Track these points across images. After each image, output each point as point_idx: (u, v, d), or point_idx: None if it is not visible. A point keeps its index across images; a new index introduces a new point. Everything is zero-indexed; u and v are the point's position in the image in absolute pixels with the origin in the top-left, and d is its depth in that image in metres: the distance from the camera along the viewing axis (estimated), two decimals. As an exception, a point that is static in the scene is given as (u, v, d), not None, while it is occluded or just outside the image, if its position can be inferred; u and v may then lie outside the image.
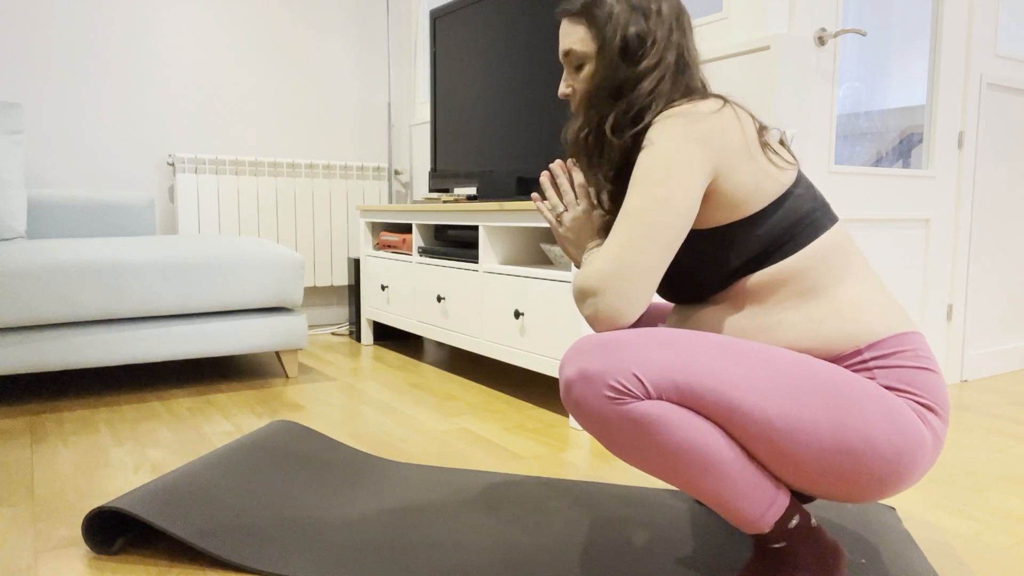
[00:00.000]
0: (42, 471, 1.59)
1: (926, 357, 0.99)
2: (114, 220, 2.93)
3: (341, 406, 2.16)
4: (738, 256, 1.01)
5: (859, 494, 0.96)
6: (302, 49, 3.51)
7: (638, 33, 1.04)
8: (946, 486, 1.57)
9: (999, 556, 1.24)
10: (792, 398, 0.92)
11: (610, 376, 0.91)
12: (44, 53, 2.95)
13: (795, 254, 1.00)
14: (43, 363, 2.09)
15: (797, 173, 1.05)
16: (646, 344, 0.93)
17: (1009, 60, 2.62)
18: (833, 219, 1.05)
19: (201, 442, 1.80)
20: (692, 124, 0.98)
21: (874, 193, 2.30)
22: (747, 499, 0.96)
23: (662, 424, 0.91)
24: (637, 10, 1.05)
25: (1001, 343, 2.75)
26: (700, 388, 0.91)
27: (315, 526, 1.27)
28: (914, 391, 0.96)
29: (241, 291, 2.35)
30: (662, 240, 0.97)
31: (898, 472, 0.94)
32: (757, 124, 1.05)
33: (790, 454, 0.93)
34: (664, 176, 0.97)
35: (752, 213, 1.00)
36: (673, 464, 0.93)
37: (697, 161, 0.97)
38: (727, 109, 1.01)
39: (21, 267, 2.04)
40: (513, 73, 2.57)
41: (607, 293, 0.97)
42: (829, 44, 2.13)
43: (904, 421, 0.94)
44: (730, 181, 0.99)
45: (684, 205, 0.97)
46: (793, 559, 1.00)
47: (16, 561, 1.18)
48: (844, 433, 0.92)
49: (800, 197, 1.03)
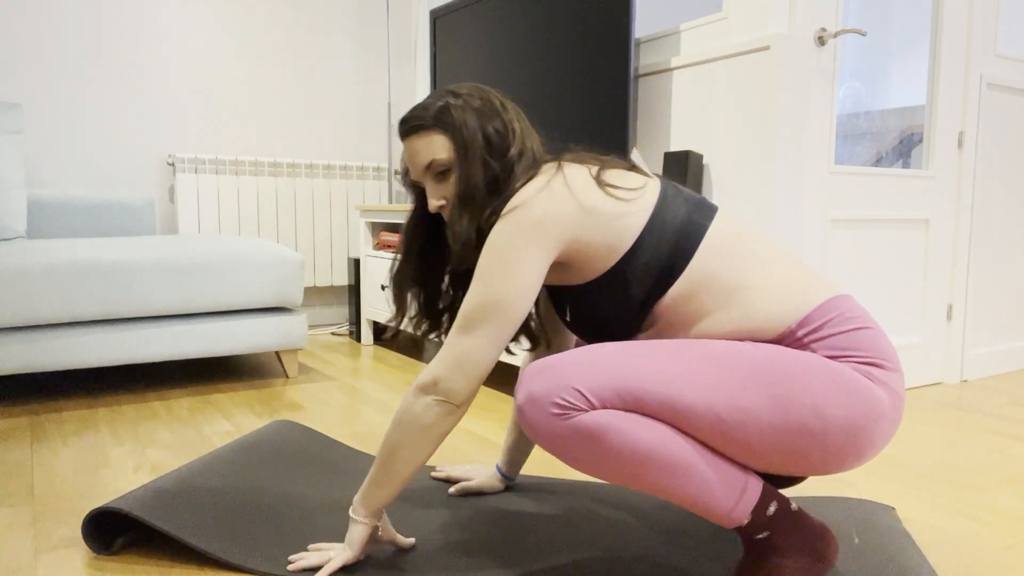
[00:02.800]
0: (42, 471, 1.59)
1: (857, 316, 1.01)
2: (114, 220, 2.93)
3: (341, 406, 2.16)
4: (640, 288, 1.05)
5: (835, 465, 0.97)
6: (302, 49, 3.51)
7: (495, 128, 1.11)
8: (946, 486, 1.57)
9: (999, 556, 1.24)
10: (734, 386, 0.94)
11: (553, 394, 0.95)
12: (44, 53, 2.95)
13: (691, 262, 1.03)
14: (43, 363, 2.09)
15: (660, 188, 1.09)
16: (585, 359, 0.97)
17: (1009, 60, 2.62)
18: (711, 214, 1.08)
19: (201, 442, 1.80)
20: (526, 213, 1.02)
21: (874, 193, 2.31)
22: (715, 491, 0.96)
23: (611, 430, 0.93)
24: (485, 110, 1.12)
25: (1001, 343, 2.75)
26: (641, 391, 0.94)
27: (315, 526, 1.27)
28: (854, 352, 0.98)
29: (241, 291, 2.35)
30: (498, 335, 1.02)
31: (860, 436, 0.95)
32: (594, 170, 1.09)
33: (745, 441, 0.95)
34: (500, 273, 1.02)
35: (628, 249, 1.04)
36: (633, 468, 0.95)
37: (532, 250, 1.02)
38: (556, 180, 1.05)
39: (21, 267, 2.04)
40: (513, 73, 2.57)
41: (448, 382, 1.02)
42: (829, 44, 2.13)
43: (851, 385, 0.95)
44: (584, 241, 1.04)
45: (522, 295, 1.02)
46: (779, 547, 0.99)
47: (16, 561, 1.18)
48: (793, 411, 0.94)
49: (669, 210, 1.06)
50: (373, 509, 1.10)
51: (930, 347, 2.52)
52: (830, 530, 1.00)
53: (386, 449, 1.07)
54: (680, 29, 2.29)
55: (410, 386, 1.06)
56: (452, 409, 1.04)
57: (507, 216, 1.04)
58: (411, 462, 1.07)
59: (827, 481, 1.59)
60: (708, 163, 2.20)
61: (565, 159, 1.13)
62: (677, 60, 2.26)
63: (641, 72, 2.39)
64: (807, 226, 2.16)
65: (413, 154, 1.14)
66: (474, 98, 1.13)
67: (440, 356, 1.05)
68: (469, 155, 1.10)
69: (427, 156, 1.12)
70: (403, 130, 1.14)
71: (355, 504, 1.12)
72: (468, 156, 1.10)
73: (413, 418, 1.05)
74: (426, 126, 1.12)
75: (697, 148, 2.23)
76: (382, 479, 1.08)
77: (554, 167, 1.09)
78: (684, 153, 2.14)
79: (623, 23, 2.13)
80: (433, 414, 1.04)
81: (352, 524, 1.12)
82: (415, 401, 1.05)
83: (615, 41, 2.16)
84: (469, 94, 1.14)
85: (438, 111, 1.11)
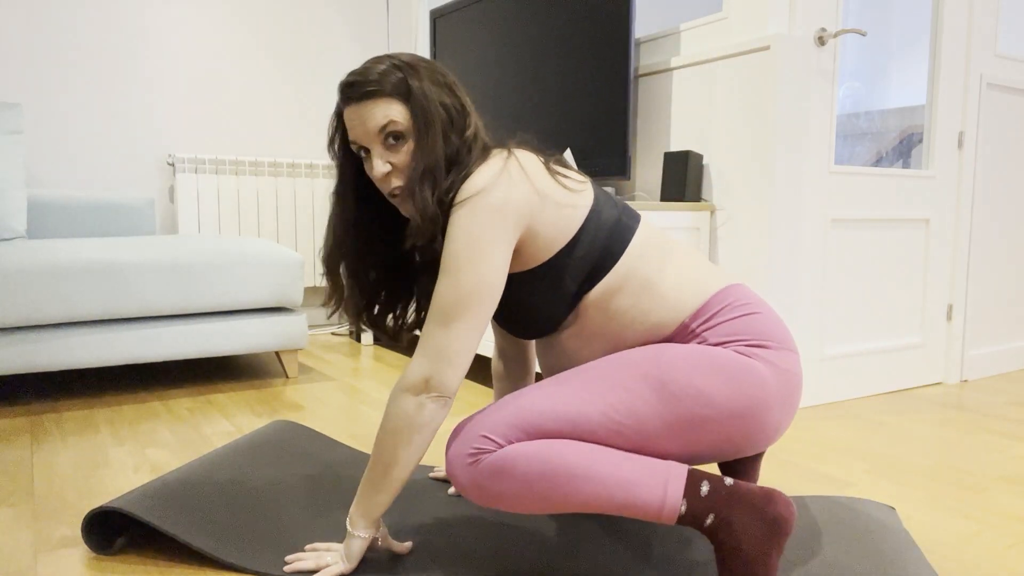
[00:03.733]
0: (42, 471, 1.59)
1: (747, 303, 1.08)
2: (114, 220, 2.93)
3: (341, 406, 2.16)
4: (573, 280, 1.10)
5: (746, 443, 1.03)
6: (302, 49, 3.51)
7: (453, 105, 1.10)
8: (946, 486, 1.57)
9: (999, 556, 1.24)
10: (624, 392, 1.01)
11: (466, 447, 1.01)
12: (44, 53, 2.95)
13: (618, 261, 1.09)
14: (43, 363, 2.09)
15: (593, 190, 1.14)
16: (490, 409, 1.04)
17: (1009, 60, 2.62)
18: (637, 219, 1.15)
19: (201, 442, 1.80)
20: (487, 199, 1.03)
21: (874, 193, 2.31)
22: (638, 487, 0.98)
23: (518, 459, 0.98)
24: (440, 84, 1.10)
25: (1001, 343, 2.75)
26: (540, 418, 1.00)
27: (314, 526, 1.27)
28: (740, 337, 1.05)
29: (241, 291, 2.35)
30: (476, 320, 1.03)
31: (752, 414, 1.01)
32: (543, 158, 1.12)
33: (647, 440, 1.00)
34: (470, 261, 1.03)
35: (569, 240, 1.08)
36: (550, 488, 0.98)
37: (498, 235, 1.03)
38: (511, 163, 1.06)
39: (21, 267, 2.04)
40: (513, 73, 2.57)
41: (438, 376, 1.02)
42: (829, 44, 2.13)
43: (732, 369, 1.01)
44: (536, 227, 1.07)
45: (493, 280, 1.04)
46: (729, 524, 0.97)
47: (16, 561, 1.18)
48: (682, 405, 1.00)
49: (603, 210, 1.11)
50: (372, 519, 1.09)
51: (930, 347, 2.52)
52: (777, 491, 0.98)
53: (382, 455, 1.05)
54: (680, 29, 2.29)
55: (395, 389, 1.05)
56: (445, 402, 1.05)
57: (469, 202, 1.04)
58: (410, 463, 1.06)
59: (827, 481, 1.59)
60: (708, 163, 2.20)
61: (513, 146, 1.12)
62: (677, 60, 2.26)
63: (641, 72, 2.39)
64: (807, 226, 2.16)
65: (365, 118, 1.07)
66: (428, 69, 1.09)
67: (423, 353, 1.03)
68: (431, 127, 1.07)
69: (382, 119, 1.06)
70: (351, 94, 1.07)
71: (352, 517, 1.09)
72: (430, 128, 1.07)
73: (408, 420, 1.03)
74: (382, 92, 1.06)
75: (697, 148, 2.23)
76: (380, 485, 1.07)
77: (505, 152, 1.09)
78: (684, 153, 2.14)
79: (623, 23, 2.13)
80: (428, 412, 1.04)
81: (350, 538, 1.10)
82: (406, 402, 1.03)
83: (615, 41, 2.16)
84: (419, 64, 1.09)
85: (393, 79, 1.06)
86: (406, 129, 1.07)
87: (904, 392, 2.44)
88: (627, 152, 2.15)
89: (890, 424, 2.04)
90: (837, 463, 1.71)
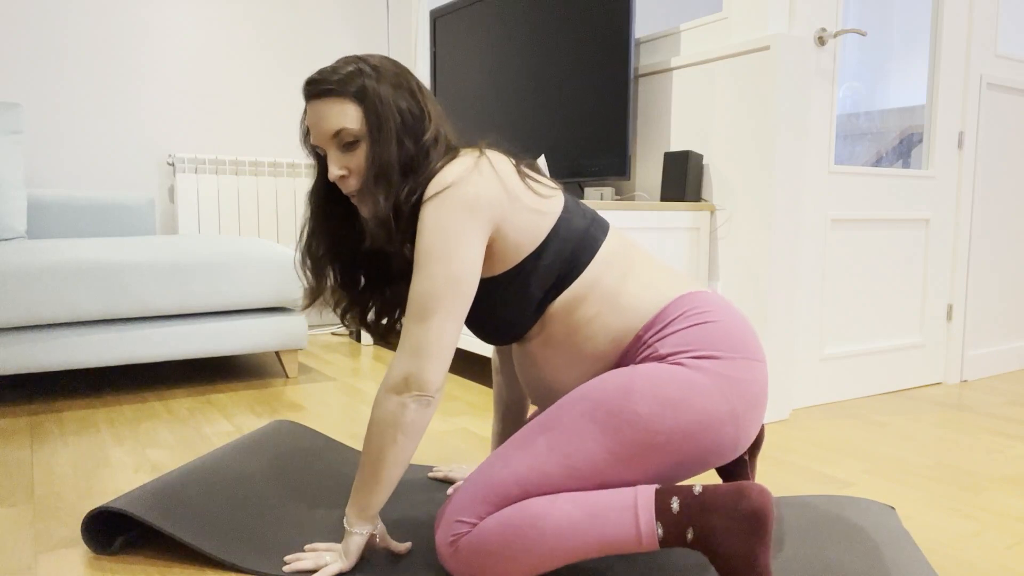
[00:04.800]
0: (42, 471, 1.59)
1: (704, 311, 1.06)
2: (114, 220, 2.93)
3: (341, 406, 2.16)
4: (539, 287, 1.09)
5: (699, 463, 1.02)
6: (302, 49, 3.51)
7: (410, 109, 1.10)
8: (946, 486, 1.57)
9: (999, 556, 1.24)
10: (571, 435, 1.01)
11: (446, 535, 1.03)
12: (44, 53, 2.95)
13: (584, 270, 1.09)
14: (43, 363, 2.09)
15: (563, 198, 1.14)
16: (461, 492, 1.04)
17: (1009, 60, 2.62)
18: (605, 229, 1.15)
19: (201, 442, 1.80)
20: (457, 192, 1.03)
21: (874, 193, 2.30)
22: (610, 523, 0.96)
23: (491, 532, 0.99)
24: (401, 88, 1.10)
25: (1001, 343, 2.75)
26: (501, 487, 1.01)
27: (314, 526, 1.27)
28: (689, 348, 1.03)
29: (241, 291, 2.35)
30: (454, 313, 1.03)
31: (701, 434, 0.99)
32: (514, 162, 1.12)
33: (604, 478, 1.00)
34: (442, 255, 1.03)
35: (537, 246, 1.08)
36: (529, 551, 0.98)
37: (470, 228, 1.04)
38: (482, 162, 1.07)
39: (21, 267, 2.04)
40: (513, 73, 2.57)
41: (419, 373, 1.03)
42: (829, 44, 2.13)
43: (672, 394, 0.99)
44: (506, 228, 1.07)
45: (467, 273, 1.04)
46: (711, 536, 0.94)
47: (16, 561, 1.18)
48: (625, 434, 0.99)
49: (572, 219, 1.12)
50: (368, 516, 1.10)
51: (930, 347, 2.52)
52: (746, 483, 0.96)
53: (371, 455, 1.06)
54: (680, 29, 2.29)
55: (379, 390, 1.06)
56: (428, 401, 1.04)
57: (439, 196, 1.04)
58: (398, 463, 1.07)
59: (827, 481, 1.59)
60: (708, 163, 2.20)
61: (485, 148, 1.13)
62: (677, 60, 2.26)
63: (641, 72, 2.39)
64: (807, 226, 2.16)
65: (320, 119, 1.09)
66: (390, 73, 1.10)
67: (402, 350, 1.04)
68: (384, 131, 1.07)
69: (336, 123, 1.08)
70: (311, 91, 1.09)
71: (349, 515, 1.10)
72: (382, 132, 1.07)
73: (393, 420, 1.04)
74: (338, 92, 1.07)
75: (697, 148, 2.23)
76: (372, 485, 1.07)
77: (476, 152, 1.10)
78: (684, 153, 2.14)
79: (623, 23, 2.13)
80: (411, 411, 1.04)
81: (348, 535, 1.10)
82: (389, 402, 1.04)
83: (615, 41, 2.16)
84: (386, 68, 1.10)
85: (353, 80, 1.07)
86: (359, 133, 1.08)
87: (904, 392, 2.44)
88: (627, 152, 2.15)
89: (890, 424, 2.04)
90: (837, 463, 1.71)
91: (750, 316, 2.08)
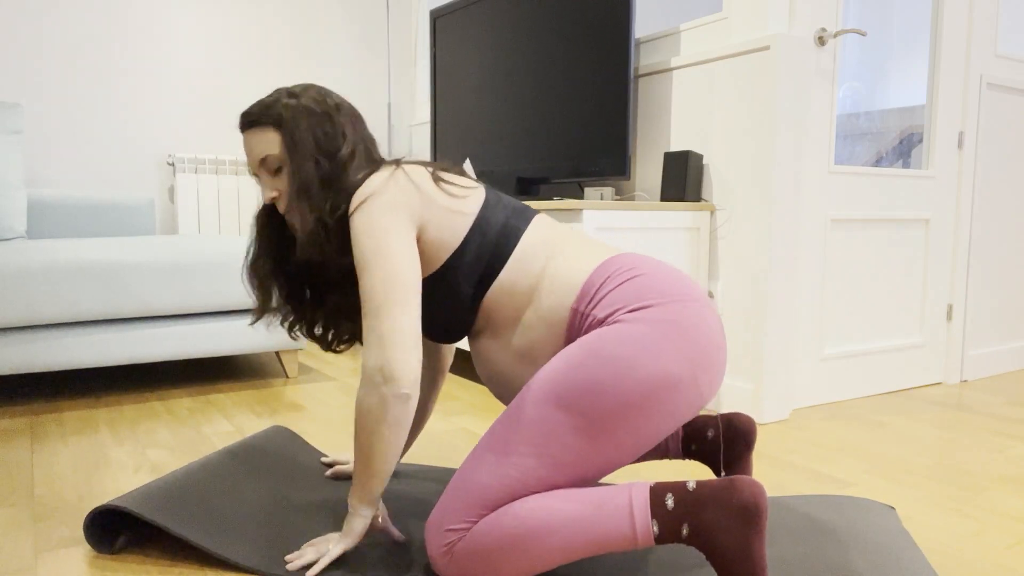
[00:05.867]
0: (42, 471, 1.59)
1: (629, 268, 1.09)
2: (114, 220, 2.93)
3: (341, 406, 2.16)
4: (468, 283, 1.15)
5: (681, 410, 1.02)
6: (302, 49, 3.51)
7: (325, 131, 1.19)
8: (946, 486, 1.57)
9: (999, 556, 1.24)
10: (538, 425, 1.01)
11: (438, 546, 1.03)
12: (44, 53, 2.95)
13: (508, 262, 1.14)
14: (43, 363, 2.09)
15: (484, 194, 1.20)
16: (442, 502, 1.05)
17: (1009, 60, 2.62)
18: (528, 218, 1.19)
19: (201, 442, 1.80)
20: (378, 199, 1.12)
21: (874, 193, 2.31)
22: (605, 521, 0.97)
23: (484, 534, 1.00)
24: (314, 114, 1.20)
25: (1001, 343, 2.75)
26: (487, 490, 1.02)
27: (314, 526, 1.27)
28: (622, 304, 1.05)
29: (241, 291, 2.35)
30: (405, 301, 1.08)
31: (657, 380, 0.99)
32: (431, 169, 1.20)
33: (583, 459, 1.00)
34: (377, 253, 1.10)
35: (458, 246, 1.14)
36: (526, 551, 0.98)
37: (396, 226, 1.11)
38: (398, 172, 1.16)
39: (21, 267, 2.04)
40: (513, 73, 2.57)
41: (388, 364, 1.06)
42: (829, 44, 2.13)
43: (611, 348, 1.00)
44: (427, 229, 1.14)
45: (406, 263, 1.10)
46: (706, 531, 0.95)
47: (16, 561, 1.18)
48: (583, 409, 0.99)
49: (492, 214, 1.17)
50: (370, 500, 1.13)
51: (930, 347, 2.52)
52: (739, 476, 0.96)
53: (361, 451, 1.10)
54: (680, 29, 2.29)
55: (360, 386, 1.10)
56: (407, 397, 1.07)
57: (363, 206, 1.12)
58: (387, 455, 1.10)
59: (827, 481, 1.59)
60: (708, 163, 2.20)
61: (403, 161, 1.22)
62: (677, 60, 2.26)
63: (641, 72, 2.39)
64: (807, 226, 2.16)
65: (249, 148, 1.21)
66: (310, 99, 1.20)
67: (368, 346, 1.08)
68: (299, 153, 1.18)
69: (261, 151, 1.19)
70: (240, 124, 1.21)
71: (351, 500, 1.14)
72: (298, 153, 1.18)
73: (373, 416, 1.08)
74: (260, 122, 1.19)
75: (697, 148, 2.23)
76: (367, 477, 1.11)
77: (393, 165, 1.18)
78: (684, 153, 2.14)
79: (623, 23, 2.13)
80: (392, 408, 1.07)
81: (351, 517, 1.14)
82: (368, 399, 1.07)
83: (615, 41, 2.16)
84: (306, 95, 1.21)
85: (272, 109, 1.19)
86: (281, 158, 1.19)
87: (904, 392, 2.44)
88: (627, 152, 2.15)
89: (890, 424, 2.04)
90: (837, 463, 1.71)
91: (750, 316, 2.08)
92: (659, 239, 2.09)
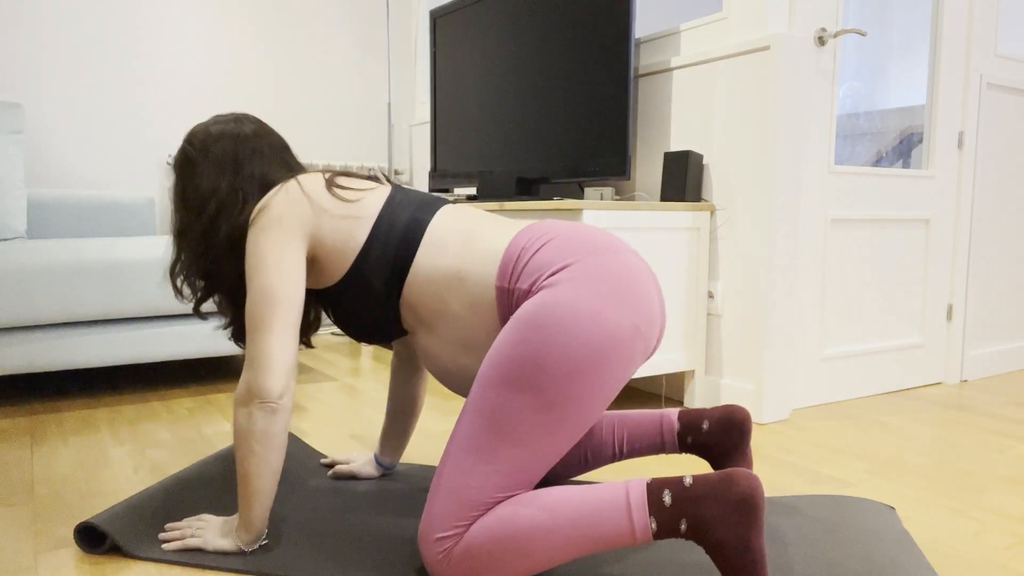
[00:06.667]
0: (42, 471, 1.59)
1: (541, 235, 1.10)
2: (114, 220, 2.93)
3: (341, 406, 2.16)
4: (380, 282, 1.16)
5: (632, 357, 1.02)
6: (302, 49, 3.51)
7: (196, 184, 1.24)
8: (946, 486, 1.57)
9: (999, 556, 1.24)
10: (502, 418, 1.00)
11: (434, 553, 1.02)
12: (44, 53, 2.95)
13: (417, 253, 1.15)
14: (43, 363, 2.09)
15: (388, 193, 1.22)
16: (428, 509, 1.04)
17: (1009, 60, 2.62)
18: (435, 208, 1.20)
19: (201, 442, 1.80)
20: (264, 217, 1.16)
21: (874, 193, 2.30)
22: (602, 519, 0.96)
23: (480, 536, 0.99)
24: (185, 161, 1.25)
25: (1001, 343, 2.75)
26: (467, 493, 1.01)
27: (314, 526, 1.27)
28: (540, 272, 1.05)
29: (241, 291, 2.34)
30: (274, 323, 1.11)
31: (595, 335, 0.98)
32: (326, 177, 1.22)
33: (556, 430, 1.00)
34: (256, 271, 1.13)
35: (361, 247, 1.16)
36: (523, 553, 0.98)
37: (280, 243, 1.14)
38: (290, 184, 1.19)
39: (21, 267, 2.04)
40: (513, 73, 2.57)
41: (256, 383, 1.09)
42: (829, 44, 2.13)
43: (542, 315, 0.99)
44: (323, 238, 1.16)
45: (281, 280, 1.12)
46: (704, 526, 0.94)
47: (16, 561, 1.18)
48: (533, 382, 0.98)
49: (396, 211, 1.18)
50: (254, 531, 1.16)
51: (930, 347, 2.52)
52: (735, 469, 0.96)
53: (240, 471, 1.13)
54: (680, 29, 2.29)
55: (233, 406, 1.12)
56: (273, 408, 1.09)
57: (254, 223, 1.16)
58: (263, 475, 1.12)
59: (827, 481, 1.59)
60: (708, 163, 2.20)
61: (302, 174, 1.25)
62: (677, 60, 2.26)
63: (641, 72, 2.39)
64: (807, 226, 2.16)
65: None
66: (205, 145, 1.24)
67: (245, 364, 1.11)
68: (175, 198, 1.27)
69: None
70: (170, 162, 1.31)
71: (238, 536, 1.16)
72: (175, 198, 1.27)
73: (245, 431, 1.10)
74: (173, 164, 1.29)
75: (697, 148, 2.23)
76: (248, 500, 1.14)
77: (288, 180, 1.21)
78: (684, 153, 2.14)
79: (623, 23, 2.13)
80: (259, 420, 1.09)
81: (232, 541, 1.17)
82: (239, 415, 1.10)
83: (615, 41, 2.16)
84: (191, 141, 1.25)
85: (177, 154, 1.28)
86: None
87: (904, 392, 2.44)
88: (627, 152, 2.15)
89: (890, 424, 2.04)
90: (837, 463, 1.71)
91: (750, 316, 2.08)
92: (659, 239, 2.09)
